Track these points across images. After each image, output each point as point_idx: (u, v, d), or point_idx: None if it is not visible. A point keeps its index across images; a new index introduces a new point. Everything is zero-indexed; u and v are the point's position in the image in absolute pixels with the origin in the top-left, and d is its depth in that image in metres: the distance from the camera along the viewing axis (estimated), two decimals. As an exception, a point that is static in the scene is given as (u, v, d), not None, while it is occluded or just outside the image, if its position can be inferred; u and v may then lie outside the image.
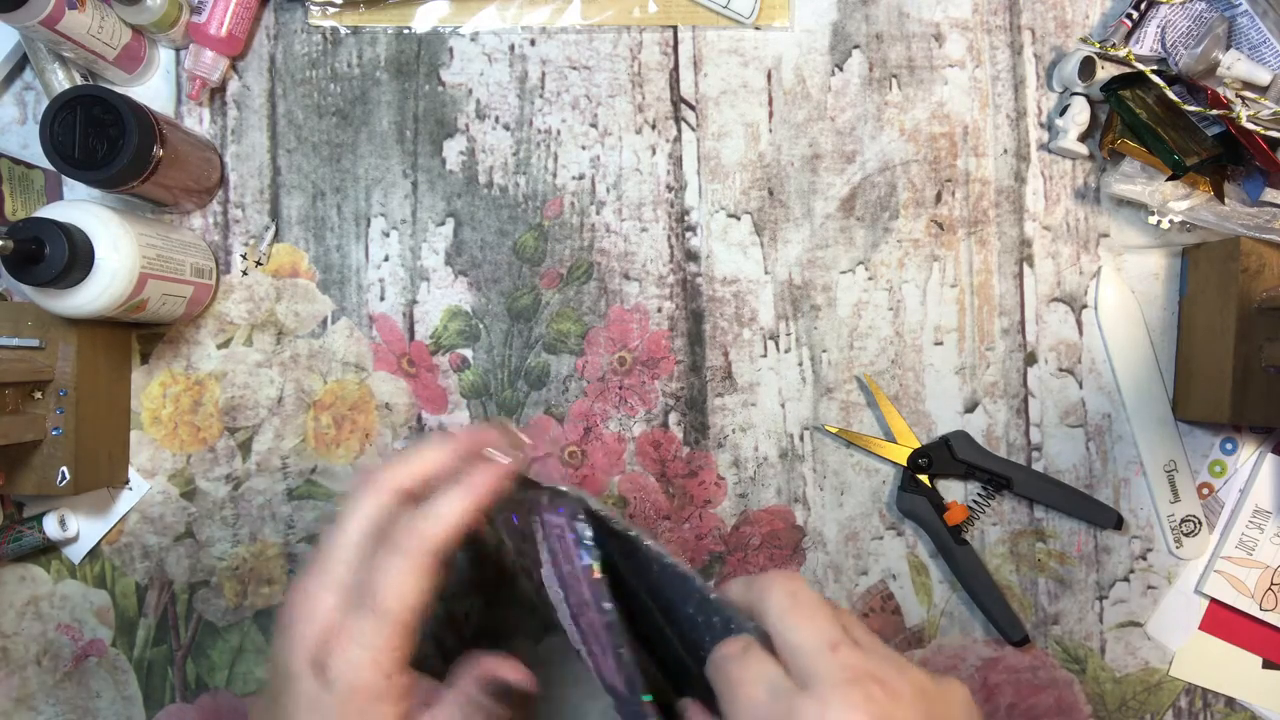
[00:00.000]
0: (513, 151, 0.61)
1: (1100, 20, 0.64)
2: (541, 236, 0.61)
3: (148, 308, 0.53)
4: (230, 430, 0.60)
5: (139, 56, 0.58)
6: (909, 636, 0.62)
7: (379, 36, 0.61)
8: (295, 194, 0.61)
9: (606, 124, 0.62)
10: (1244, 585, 0.62)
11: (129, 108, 0.49)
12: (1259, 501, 0.62)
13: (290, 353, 0.60)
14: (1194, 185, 0.61)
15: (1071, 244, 0.63)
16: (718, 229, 0.62)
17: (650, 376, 0.61)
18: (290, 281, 0.61)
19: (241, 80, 0.61)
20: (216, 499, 0.60)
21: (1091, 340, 0.63)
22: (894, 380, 0.62)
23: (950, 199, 0.63)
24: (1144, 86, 0.59)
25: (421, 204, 0.61)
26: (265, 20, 0.61)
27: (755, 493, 0.61)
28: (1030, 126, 0.63)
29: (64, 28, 0.51)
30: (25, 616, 0.59)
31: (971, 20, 0.63)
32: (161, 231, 0.54)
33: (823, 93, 0.63)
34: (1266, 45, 0.59)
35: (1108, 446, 0.63)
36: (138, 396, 0.60)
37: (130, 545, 0.60)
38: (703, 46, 0.62)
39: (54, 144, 0.49)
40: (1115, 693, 0.62)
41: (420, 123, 0.61)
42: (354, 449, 0.60)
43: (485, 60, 0.62)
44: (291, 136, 0.61)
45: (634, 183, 0.62)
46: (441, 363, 0.61)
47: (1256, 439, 0.63)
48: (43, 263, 0.46)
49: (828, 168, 0.62)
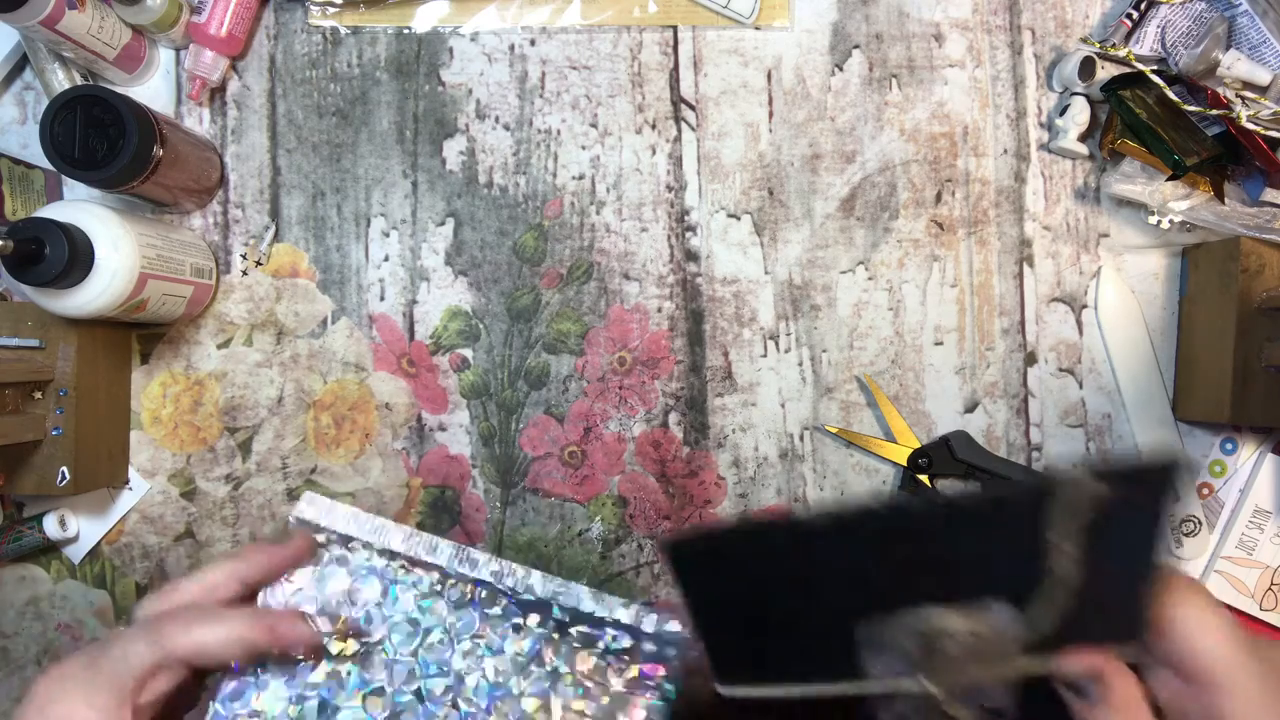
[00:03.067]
0: (513, 151, 0.61)
1: (1100, 20, 0.64)
2: (541, 236, 0.61)
3: (148, 308, 0.53)
4: (230, 430, 0.60)
5: (139, 56, 0.58)
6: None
7: (379, 36, 0.61)
8: (295, 194, 0.61)
9: (606, 124, 0.62)
10: (1244, 585, 0.62)
11: (129, 108, 0.49)
12: (1259, 501, 0.62)
13: (290, 353, 0.60)
14: (1194, 185, 0.61)
15: (1071, 244, 0.63)
16: (718, 229, 0.62)
17: (650, 376, 0.61)
18: (290, 281, 0.61)
19: (241, 80, 0.61)
20: (216, 499, 0.60)
21: (1091, 340, 0.63)
22: (894, 380, 0.62)
23: (950, 199, 0.63)
24: (1144, 86, 0.59)
25: (421, 204, 0.61)
26: (265, 20, 0.61)
27: (755, 493, 0.61)
28: (1030, 126, 0.63)
29: (64, 28, 0.51)
30: (25, 616, 0.59)
31: (971, 20, 0.63)
32: (161, 231, 0.54)
33: (823, 93, 0.63)
34: (1266, 45, 0.59)
35: (1108, 446, 0.63)
36: (138, 396, 0.60)
37: (130, 545, 0.60)
38: (703, 46, 0.62)
39: (54, 144, 0.49)
40: (1115, 693, 0.62)
41: (420, 123, 0.61)
42: (354, 449, 0.60)
43: (485, 60, 0.62)
44: (291, 136, 0.61)
45: (634, 183, 0.62)
46: (441, 363, 0.61)
47: (1256, 439, 0.63)
48: (43, 263, 0.46)
49: (828, 168, 0.62)
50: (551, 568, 0.60)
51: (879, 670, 0.37)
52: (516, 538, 0.60)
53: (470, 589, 0.44)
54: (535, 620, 0.44)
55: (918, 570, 0.36)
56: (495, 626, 0.44)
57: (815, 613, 0.38)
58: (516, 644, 0.44)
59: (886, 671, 0.37)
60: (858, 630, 0.37)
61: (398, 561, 0.44)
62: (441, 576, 0.44)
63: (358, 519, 0.44)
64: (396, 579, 0.44)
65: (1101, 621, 0.36)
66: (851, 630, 0.37)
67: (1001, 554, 0.35)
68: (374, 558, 0.44)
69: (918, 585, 0.36)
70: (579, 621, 0.44)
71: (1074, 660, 0.36)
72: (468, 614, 0.44)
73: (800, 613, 0.38)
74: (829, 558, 0.37)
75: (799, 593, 0.38)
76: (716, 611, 0.40)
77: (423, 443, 0.60)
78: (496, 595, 0.44)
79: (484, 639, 0.44)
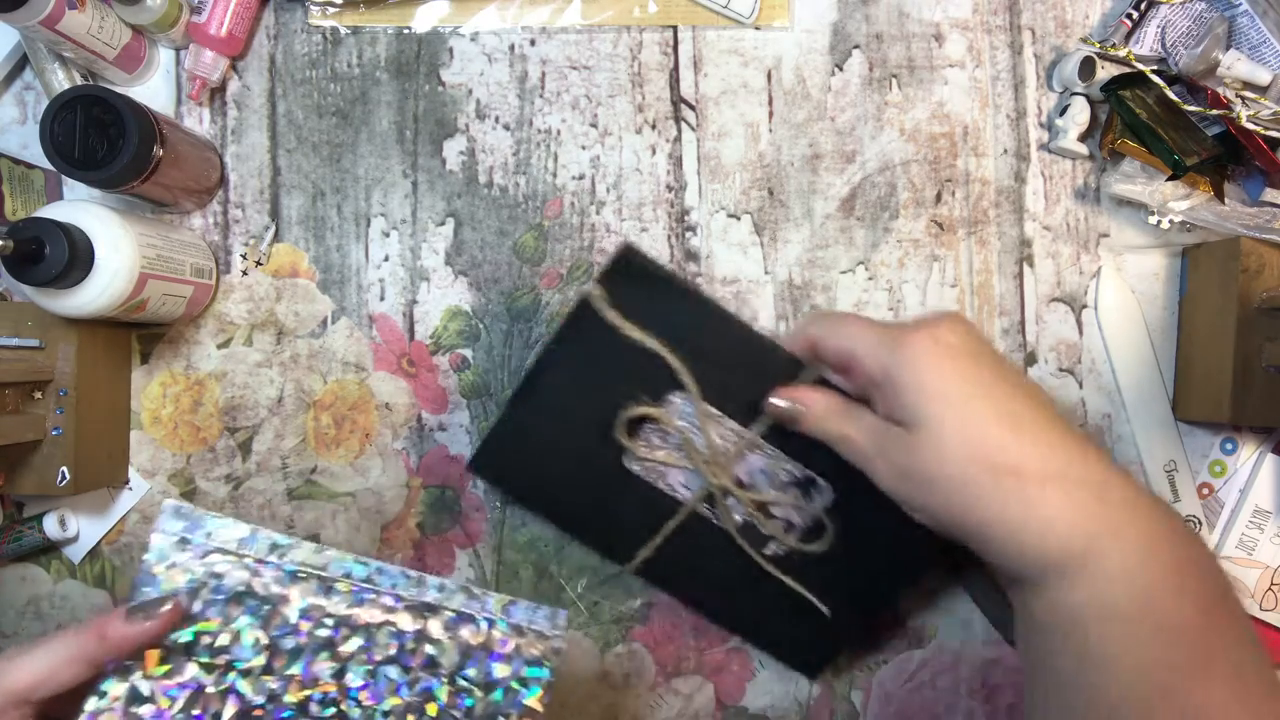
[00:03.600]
0: (513, 151, 0.61)
1: (1100, 20, 0.64)
2: (541, 236, 0.61)
3: (148, 308, 0.53)
4: (230, 430, 0.60)
5: (139, 56, 0.58)
6: (909, 636, 0.62)
7: (379, 36, 0.61)
8: (295, 194, 0.61)
9: (606, 124, 0.62)
10: (1244, 585, 0.62)
11: (129, 108, 0.49)
12: (1259, 502, 0.62)
13: (290, 353, 0.60)
14: (1194, 185, 0.61)
15: (1071, 244, 0.63)
16: (718, 229, 0.62)
17: (650, 376, 0.61)
18: (290, 281, 0.61)
19: (241, 80, 0.61)
20: (216, 499, 0.60)
21: (1091, 340, 0.63)
22: (894, 380, 0.62)
23: (950, 199, 0.63)
24: (1144, 86, 0.59)
25: (421, 204, 0.61)
26: (265, 20, 0.61)
27: (755, 493, 0.61)
28: (1030, 126, 0.63)
29: (64, 28, 0.51)
30: (25, 616, 0.60)
31: (971, 20, 0.63)
32: (161, 231, 0.54)
33: (823, 93, 0.63)
34: (1266, 45, 0.59)
35: (1108, 446, 0.63)
36: (138, 396, 0.60)
37: (130, 545, 0.60)
38: (703, 46, 0.62)
39: (54, 144, 0.49)
40: (1115, 693, 0.62)
41: (420, 123, 0.61)
42: (354, 449, 0.60)
43: (485, 60, 0.62)
44: (291, 136, 0.61)
45: (634, 183, 0.62)
46: (441, 363, 0.61)
47: (1256, 439, 0.63)
48: (43, 263, 0.46)
49: (828, 168, 0.62)
50: (552, 568, 0.60)
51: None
52: (517, 538, 0.60)
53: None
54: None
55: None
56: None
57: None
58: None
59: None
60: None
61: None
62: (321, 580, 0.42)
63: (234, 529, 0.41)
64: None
65: (741, 375, 0.51)
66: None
67: (635, 362, 0.51)
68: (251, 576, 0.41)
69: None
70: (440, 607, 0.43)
71: (771, 404, 0.48)
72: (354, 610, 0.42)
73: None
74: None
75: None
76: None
77: (423, 443, 0.61)
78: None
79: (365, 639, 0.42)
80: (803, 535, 0.54)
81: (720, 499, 0.53)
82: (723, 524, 0.54)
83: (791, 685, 0.61)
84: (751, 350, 0.51)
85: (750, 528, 0.54)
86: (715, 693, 0.61)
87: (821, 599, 0.54)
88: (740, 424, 0.52)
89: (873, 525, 0.51)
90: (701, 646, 0.61)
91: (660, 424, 0.53)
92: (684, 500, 0.54)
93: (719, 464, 0.52)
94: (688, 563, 0.56)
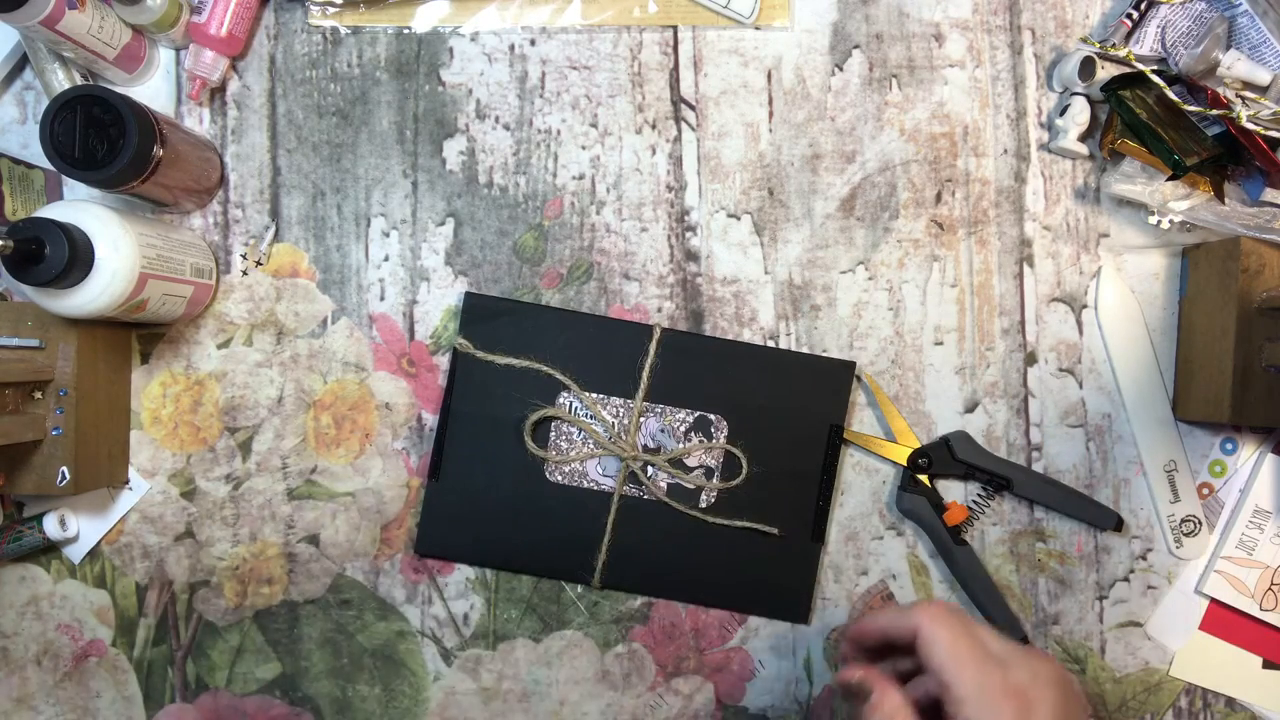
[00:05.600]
0: (513, 151, 0.61)
1: (1100, 20, 0.64)
2: (541, 236, 0.61)
3: (148, 308, 0.53)
4: (230, 430, 0.60)
5: (139, 56, 0.58)
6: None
7: (379, 36, 0.61)
8: (295, 194, 0.61)
9: (606, 124, 0.62)
10: (1244, 585, 0.62)
11: (129, 108, 0.49)
12: (1259, 501, 0.62)
13: (290, 353, 0.60)
14: (1194, 185, 0.61)
15: (1071, 244, 0.63)
16: (718, 229, 0.62)
17: (650, 376, 0.61)
18: (290, 281, 0.61)
19: (241, 80, 0.61)
20: (216, 499, 0.60)
21: (1091, 340, 0.63)
22: (894, 380, 0.62)
23: (950, 199, 0.63)
24: (1144, 86, 0.59)
25: (421, 204, 0.61)
26: (265, 20, 0.61)
27: (755, 493, 0.61)
28: (1030, 126, 0.63)
29: (64, 28, 0.51)
30: (25, 616, 0.60)
31: (971, 20, 0.63)
32: (161, 231, 0.54)
33: (823, 93, 0.63)
34: (1266, 45, 0.59)
35: (1108, 446, 0.63)
36: (138, 396, 0.60)
37: (130, 545, 0.60)
38: (703, 46, 0.62)
39: (54, 144, 0.49)
40: (1115, 693, 0.62)
41: (420, 123, 0.61)
42: (354, 449, 0.60)
43: (485, 60, 0.62)
44: (291, 136, 0.61)
45: (634, 183, 0.62)
46: (442, 363, 0.61)
47: (1256, 439, 0.63)
48: (43, 263, 0.46)
49: (828, 168, 0.62)
50: (551, 568, 0.60)
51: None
52: (516, 538, 0.60)
53: None
54: None
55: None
56: None
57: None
58: None
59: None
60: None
61: None
62: None
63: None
64: None
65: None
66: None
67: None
68: None
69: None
70: None
71: (849, 672, 0.48)
72: None
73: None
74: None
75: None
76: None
77: (423, 443, 0.61)
78: None
79: None
80: (723, 473, 0.59)
81: (640, 472, 0.59)
82: (653, 494, 0.59)
83: (791, 685, 0.61)
84: (605, 334, 0.59)
85: (677, 488, 0.59)
86: (715, 693, 0.61)
87: (767, 524, 0.59)
88: (622, 399, 0.59)
89: (773, 429, 0.59)
90: (701, 646, 0.61)
91: (561, 420, 0.59)
92: (610, 490, 0.59)
93: (622, 438, 0.58)
94: (641, 552, 0.59)
